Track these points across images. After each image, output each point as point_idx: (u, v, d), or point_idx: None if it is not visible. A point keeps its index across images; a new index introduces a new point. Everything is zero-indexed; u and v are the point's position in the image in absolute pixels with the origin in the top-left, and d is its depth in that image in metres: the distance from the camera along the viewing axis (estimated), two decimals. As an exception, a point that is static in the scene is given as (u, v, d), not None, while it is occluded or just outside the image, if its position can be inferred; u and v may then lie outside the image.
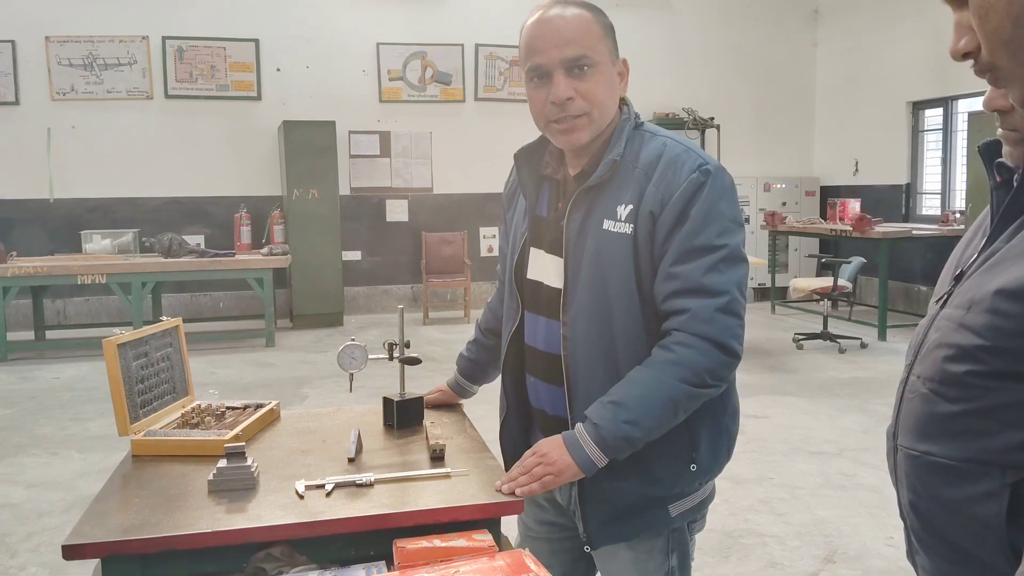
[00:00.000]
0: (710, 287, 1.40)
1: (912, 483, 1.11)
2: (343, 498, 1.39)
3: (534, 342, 1.60)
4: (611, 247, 1.45)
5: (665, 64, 9.09)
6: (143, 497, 1.40)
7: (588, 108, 1.45)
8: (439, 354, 6.09)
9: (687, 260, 1.41)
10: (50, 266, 6.82)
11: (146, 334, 1.75)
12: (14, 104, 7.96)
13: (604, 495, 1.51)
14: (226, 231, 8.18)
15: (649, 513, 1.51)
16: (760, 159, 9.55)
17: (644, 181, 1.45)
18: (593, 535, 1.54)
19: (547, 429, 1.60)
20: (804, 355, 6.72)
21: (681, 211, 1.41)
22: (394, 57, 8.75)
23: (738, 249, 1.44)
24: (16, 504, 3.72)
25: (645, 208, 1.43)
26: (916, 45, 8.26)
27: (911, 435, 1.11)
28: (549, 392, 1.57)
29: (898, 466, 1.17)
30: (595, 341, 1.48)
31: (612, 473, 1.48)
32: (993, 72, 0.93)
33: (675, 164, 1.44)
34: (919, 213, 8.58)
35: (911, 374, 1.15)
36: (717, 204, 1.42)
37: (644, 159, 1.47)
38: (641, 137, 1.51)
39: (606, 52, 1.47)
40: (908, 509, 1.15)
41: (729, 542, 3.25)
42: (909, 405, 1.13)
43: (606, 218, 1.47)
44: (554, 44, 1.44)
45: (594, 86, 1.44)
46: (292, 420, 1.86)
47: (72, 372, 6.34)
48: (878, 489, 3.78)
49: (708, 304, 1.39)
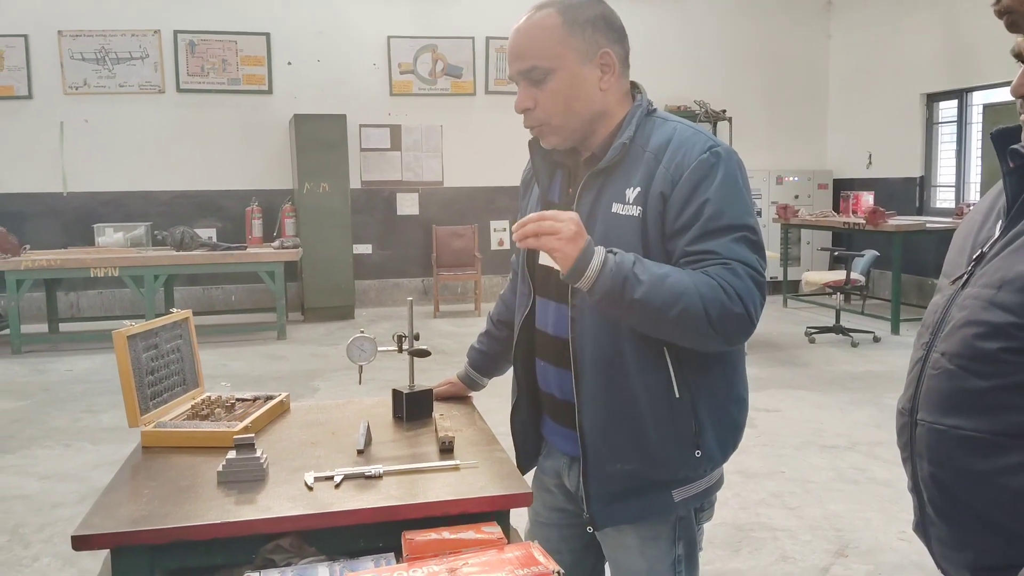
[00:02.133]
0: (735, 256, 1.38)
1: (935, 456, 1.14)
2: (352, 490, 1.38)
3: (544, 327, 1.61)
4: (620, 230, 1.45)
5: (677, 56, 9.04)
6: (152, 488, 1.40)
7: (545, 118, 1.49)
8: (449, 347, 6.09)
9: (707, 239, 1.39)
10: (63, 259, 6.85)
11: (156, 326, 1.75)
12: (27, 98, 8.00)
13: (608, 476, 1.52)
14: (238, 224, 8.20)
15: (652, 496, 1.51)
16: (773, 152, 9.49)
17: (654, 164, 1.45)
18: (596, 516, 1.54)
19: (555, 414, 1.62)
20: (816, 349, 6.68)
21: (692, 190, 1.40)
22: (405, 50, 8.74)
23: (756, 231, 1.43)
24: (30, 495, 3.75)
25: (655, 190, 1.43)
26: (930, 37, 8.18)
27: (936, 410, 1.14)
28: (558, 376, 1.58)
29: (916, 440, 1.20)
30: (602, 324, 1.47)
31: (615, 454, 1.50)
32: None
33: (685, 145, 1.44)
34: (933, 206, 8.51)
35: (932, 352, 1.17)
36: (730, 186, 1.42)
37: (654, 143, 1.47)
38: (652, 123, 1.51)
39: (569, 54, 1.45)
40: (928, 481, 1.17)
41: (740, 535, 3.24)
42: (932, 381, 1.16)
43: (615, 201, 1.47)
44: (512, 57, 1.49)
45: (552, 94, 1.46)
46: (301, 412, 1.86)
47: (85, 364, 6.38)
48: (891, 483, 3.76)
49: (734, 267, 1.37)
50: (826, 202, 9.43)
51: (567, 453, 1.62)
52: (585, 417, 1.51)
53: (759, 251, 1.42)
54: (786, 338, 7.01)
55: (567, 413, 1.55)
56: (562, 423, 1.60)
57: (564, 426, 1.59)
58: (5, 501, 3.68)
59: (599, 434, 1.51)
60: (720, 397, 1.52)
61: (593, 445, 1.51)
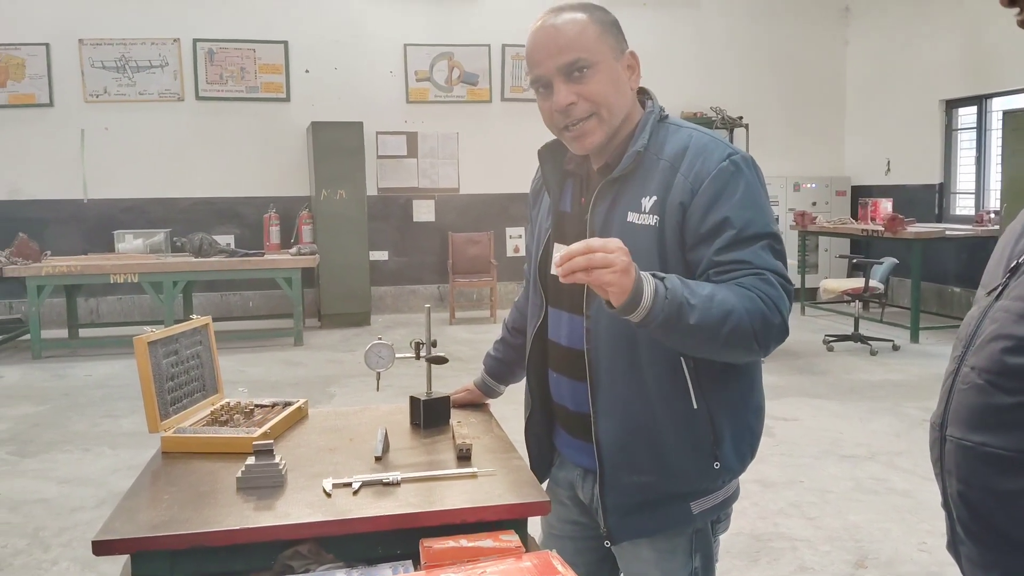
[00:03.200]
0: (766, 265, 1.37)
1: (963, 474, 1.11)
2: (370, 497, 1.39)
3: (557, 338, 1.59)
4: (636, 239, 1.41)
5: (693, 63, 9.03)
6: (172, 494, 1.41)
7: (594, 108, 1.45)
8: (465, 354, 6.09)
9: (736, 249, 1.37)
10: (83, 265, 6.92)
11: (176, 332, 1.76)
12: (48, 106, 8.10)
13: (625, 489, 1.50)
14: (255, 231, 8.25)
15: (670, 509, 1.49)
16: (790, 159, 9.45)
17: (670, 172, 1.43)
18: (613, 529, 1.52)
19: (569, 426, 1.61)
20: (835, 357, 6.63)
21: (714, 199, 1.39)
22: (421, 58, 8.78)
23: (780, 238, 1.42)
24: (49, 499, 3.78)
25: (674, 199, 1.41)
26: (949, 42, 8.12)
27: (964, 426, 1.11)
28: (571, 388, 1.56)
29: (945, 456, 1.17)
30: (618, 335, 1.46)
31: (632, 467, 1.48)
32: None
33: (703, 153, 1.42)
34: (952, 213, 8.44)
35: (963, 365, 1.15)
36: (753, 194, 1.41)
37: (669, 151, 1.45)
38: (666, 129, 1.49)
39: (606, 50, 1.45)
40: (956, 500, 1.14)
41: (758, 546, 3.22)
42: (961, 396, 1.12)
43: (630, 210, 1.45)
44: (548, 54, 1.44)
45: (595, 86, 1.44)
46: (319, 418, 1.87)
47: (105, 370, 6.43)
48: (911, 494, 3.72)
49: (767, 277, 1.36)
50: (844, 209, 9.36)
51: (581, 465, 1.61)
52: (601, 429, 1.50)
53: (783, 258, 1.42)
54: (804, 346, 6.96)
55: (581, 425, 1.53)
56: (576, 435, 1.58)
57: (578, 438, 1.58)
58: (25, 505, 3.71)
59: (616, 446, 1.49)
60: (738, 407, 1.50)
61: (610, 457, 1.50)
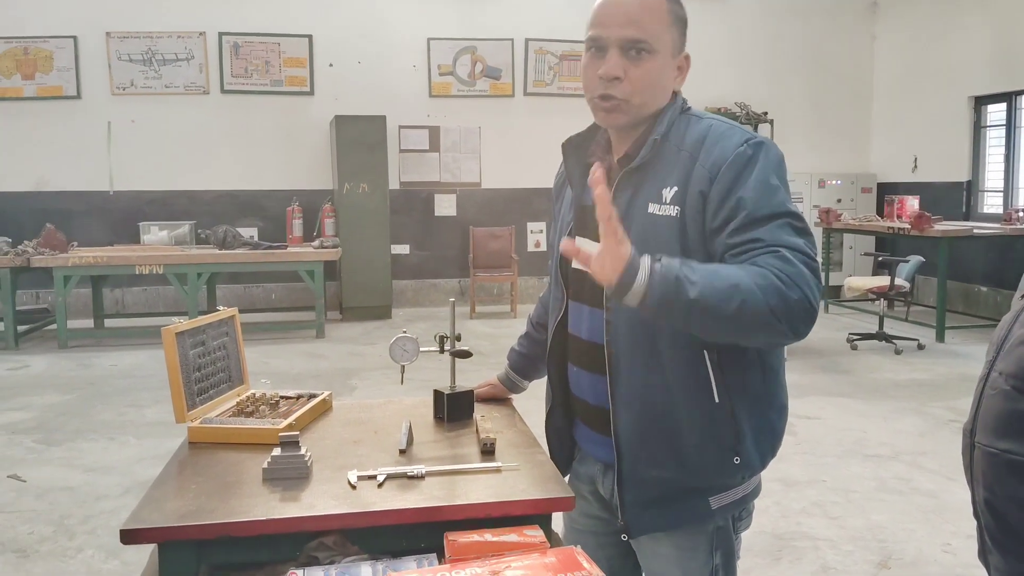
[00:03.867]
0: (780, 242, 1.30)
1: (989, 481, 1.08)
2: (395, 489, 1.39)
3: (577, 331, 1.58)
4: (657, 231, 1.40)
5: (718, 57, 8.95)
6: (199, 484, 1.42)
7: (630, 94, 1.42)
8: (486, 348, 6.10)
9: (750, 229, 1.31)
10: (109, 256, 7.00)
11: (203, 323, 1.77)
12: (76, 98, 8.18)
13: (642, 482, 1.49)
14: (278, 224, 8.30)
15: (688, 504, 1.48)
16: (815, 155, 9.36)
17: (690, 162, 1.40)
18: (631, 523, 1.52)
19: (589, 419, 1.60)
20: (859, 356, 6.57)
21: (731, 184, 1.35)
22: (444, 52, 8.78)
23: (800, 217, 1.36)
24: (74, 487, 3.83)
25: (693, 188, 1.38)
26: (979, 38, 8.00)
27: (991, 432, 1.08)
28: (591, 381, 1.55)
29: (974, 464, 1.13)
30: (638, 329, 1.44)
31: (651, 461, 1.47)
32: None
33: (721, 140, 1.40)
34: (980, 211, 8.32)
35: (993, 370, 1.12)
36: (770, 177, 1.36)
37: (689, 141, 1.43)
38: (687, 121, 1.47)
39: (669, 42, 1.43)
40: (983, 508, 1.11)
41: (780, 544, 3.20)
42: (989, 401, 1.10)
43: (651, 201, 1.42)
44: (616, 21, 1.41)
45: (644, 74, 1.41)
46: (344, 411, 1.87)
47: (130, 360, 6.50)
48: (935, 494, 3.68)
49: (782, 253, 1.28)
50: (870, 206, 9.27)
51: (600, 459, 1.60)
52: (620, 423, 1.48)
53: (805, 235, 1.33)
54: (827, 344, 6.90)
55: (601, 419, 1.53)
56: (596, 429, 1.58)
57: (598, 432, 1.57)
58: (51, 493, 3.76)
59: (635, 440, 1.48)
60: (761, 403, 1.48)
61: (628, 451, 1.49)
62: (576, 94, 8.92)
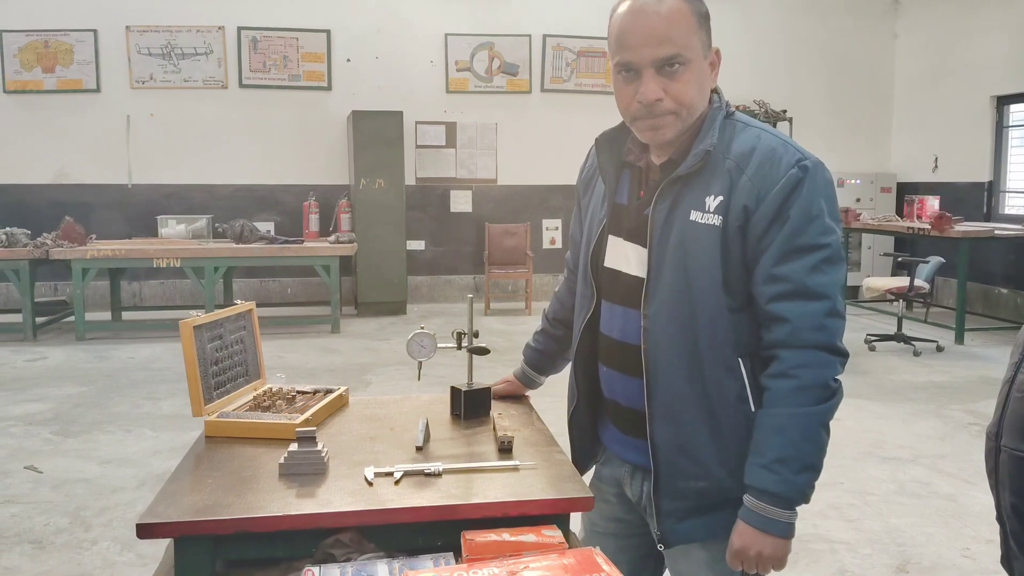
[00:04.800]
0: (815, 290, 1.37)
1: (1016, 485, 1.06)
2: (411, 487, 1.38)
3: (609, 331, 1.56)
4: (698, 238, 1.40)
5: (737, 55, 8.87)
6: (216, 478, 1.41)
7: (676, 108, 1.40)
8: (500, 345, 6.08)
9: (790, 260, 1.37)
10: (127, 249, 7.04)
11: (221, 317, 1.77)
12: (95, 92, 8.23)
13: (680, 492, 1.48)
14: (295, 219, 8.33)
15: (724, 514, 1.45)
16: (834, 154, 9.25)
17: (736, 173, 1.40)
18: (667, 533, 1.50)
19: (620, 422, 1.58)
20: (876, 357, 6.51)
21: (780, 208, 1.37)
22: (462, 48, 8.77)
23: (839, 248, 1.41)
24: (90, 479, 3.84)
25: (738, 201, 1.38)
26: (1001, 37, 7.90)
27: (1018, 435, 1.06)
28: (624, 383, 1.53)
29: (1000, 468, 1.11)
30: (677, 335, 1.43)
31: (690, 470, 1.46)
32: None
33: (772, 158, 1.39)
34: (1002, 212, 8.22)
35: (1020, 372, 1.09)
36: (817, 201, 1.37)
37: (736, 150, 1.42)
38: (732, 127, 1.45)
39: (699, 46, 1.40)
40: (1009, 512, 1.09)
41: (798, 547, 3.13)
42: (1016, 405, 1.08)
43: (693, 209, 1.41)
44: (646, 42, 1.37)
45: (685, 86, 1.38)
46: (360, 406, 1.87)
47: (147, 352, 6.53)
48: (954, 498, 3.64)
49: (815, 309, 1.37)
50: (889, 206, 9.18)
51: (630, 461, 1.58)
52: (657, 431, 1.47)
53: (835, 267, 1.39)
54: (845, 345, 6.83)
55: (633, 422, 1.51)
56: (627, 432, 1.56)
57: (629, 435, 1.55)
58: (67, 484, 3.78)
59: (672, 449, 1.46)
60: None
61: (666, 460, 1.47)
62: (593, 90, 8.89)
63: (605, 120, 1.61)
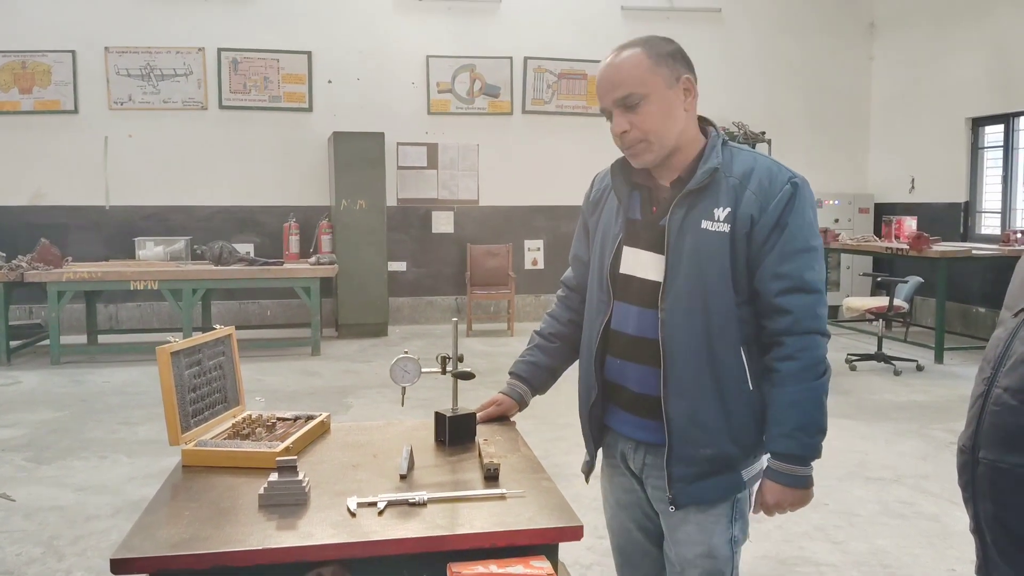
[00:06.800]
0: (811, 284, 1.65)
1: (998, 496, 1.08)
2: (395, 517, 1.34)
3: (622, 328, 1.75)
4: (709, 244, 1.65)
5: (716, 77, 8.96)
6: (193, 510, 1.37)
7: (644, 136, 1.66)
8: (483, 367, 6.04)
9: (790, 260, 1.65)
10: (104, 271, 6.94)
11: (199, 342, 1.73)
12: (73, 113, 8.15)
13: (691, 460, 1.68)
14: (275, 240, 8.26)
15: (727, 477, 1.69)
16: (812, 174, 9.12)
17: (740, 189, 1.66)
18: (677, 496, 1.69)
19: (629, 405, 1.76)
20: (858, 377, 6.53)
21: (779, 217, 1.65)
22: (443, 69, 8.78)
23: (822, 248, 1.72)
24: (64, 507, 3.75)
25: (744, 211, 1.65)
26: (976, 59, 8.03)
27: (998, 447, 1.09)
28: (637, 371, 1.73)
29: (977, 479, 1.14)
30: (692, 327, 1.66)
31: (700, 440, 1.67)
32: None
33: (769, 176, 1.67)
34: (978, 232, 8.32)
35: (994, 386, 1.12)
36: (807, 212, 1.67)
37: (738, 170, 1.68)
38: (730, 151, 1.72)
39: (658, 81, 1.65)
40: (991, 522, 1.11)
41: (783, 570, 3.14)
42: (994, 417, 1.10)
43: (704, 219, 1.66)
44: (604, 90, 1.68)
45: (645, 117, 1.65)
46: (342, 433, 1.83)
47: (123, 376, 6.43)
48: (938, 518, 3.64)
49: (811, 301, 1.65)
50: (867, 227, 9.26)
51: (636, 439, 1.77)
52: (672, 407, 1.67)
53: (822, 264, 1.69)
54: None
55: (644, 405, 1.72)
56: (636, 413, 1.75)
57: (639, 416, 1.74)
58: (40, 512, 3.69)
59: (685, 421, 1.67)
60: None
61: (679, 431, 1.67)
62: (574, 112, 8.93)
63: (586, 141, 1.71)
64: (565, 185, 8.57)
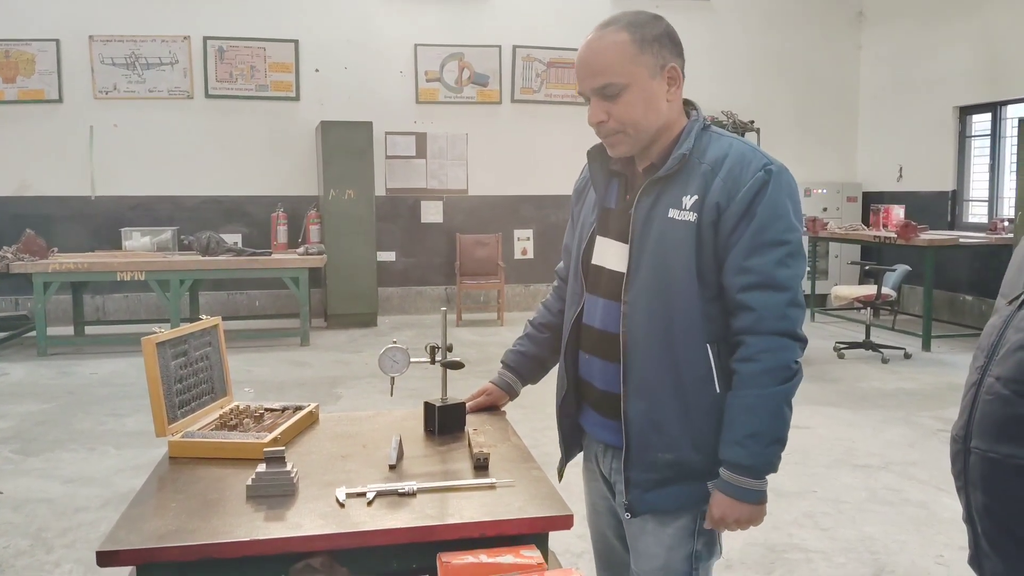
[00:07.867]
0: (781, 282, 1.51)
1: (989, 486, 1.08)
2: (385, 507, 1.34)
3: (591, 321, 1.66)
4: (675, 233, 1.53)
5: (705, 66, 8.96)
6: (180, 502, 1.36)
7: (620, 127, 1.55)
8: (473, 356, 6.03)
9: (758, 254, 1.50)
10: (90, 262, 6.89)
11: (185, 333, 1.71)
12: (57, 102, 8.07)
13: (649, 465, 1.57)
14: (263, 230, 8.22)
15: (688, 487, 1.57)
16: (801, 164, 9.36)
17: (711, 175, 1.53)
18: (634, 502, 1.59)
19: (596, 404, 1.67)
20: (846, 364, 6.56)
21: (748, 206, 1.51)
22: (432, 58, 8.74)
23: (801, 245, 1.55)
24: (52, 499, 3.73)
25: (711, 199, 1.52)
26: (964, 48, 8.05)
27: (989, 437, 1.08)
28: (602, 367, 1.64)
29: (969, 469, 1.14)
30: (654, 320, 1.55)
31: (659, 444, 1.56)
32: None
33: (742, 162, 1.53)
34: (965, 220, 8.36)
35: (987, 375, 1.11)
36: (782, 202, 1.52)
37: (711, 156, 1.55)
38: (708, 137, 1.59)
39: (641, 71, 1.52)
40: (982, 512, 1.11)
41: (772, 557, 3.16)
42: (986, 407, 1.10)
43: (672, 207, 1.55)
44: (584, 75, 1.56)
45: (625, 107, 1.53)
46: (331, 423, 1.82)
47: (110, 368, 6.39)
48: (926, 505, 3.66)
49: (779, 300, 1.50)
50: (855, 215, 9.29)
51: (603, 441, 1.68)
52: (631, 408, 1.57)
53: (797, 261, 1.53)
54: (815, 353, 6.89)
55: (607, 403, 1.62)
56: (602, 413, 1.65)
57: (604, 416, 1.65)
58: (28, 504, 3.67)
59: (644, 423, 1.56)
60: None
61: (637, 435, 1.57)
62: (563, 101, 8.91)
63: (575, 130, 1.68)
64: (555, 174, 8.57)
